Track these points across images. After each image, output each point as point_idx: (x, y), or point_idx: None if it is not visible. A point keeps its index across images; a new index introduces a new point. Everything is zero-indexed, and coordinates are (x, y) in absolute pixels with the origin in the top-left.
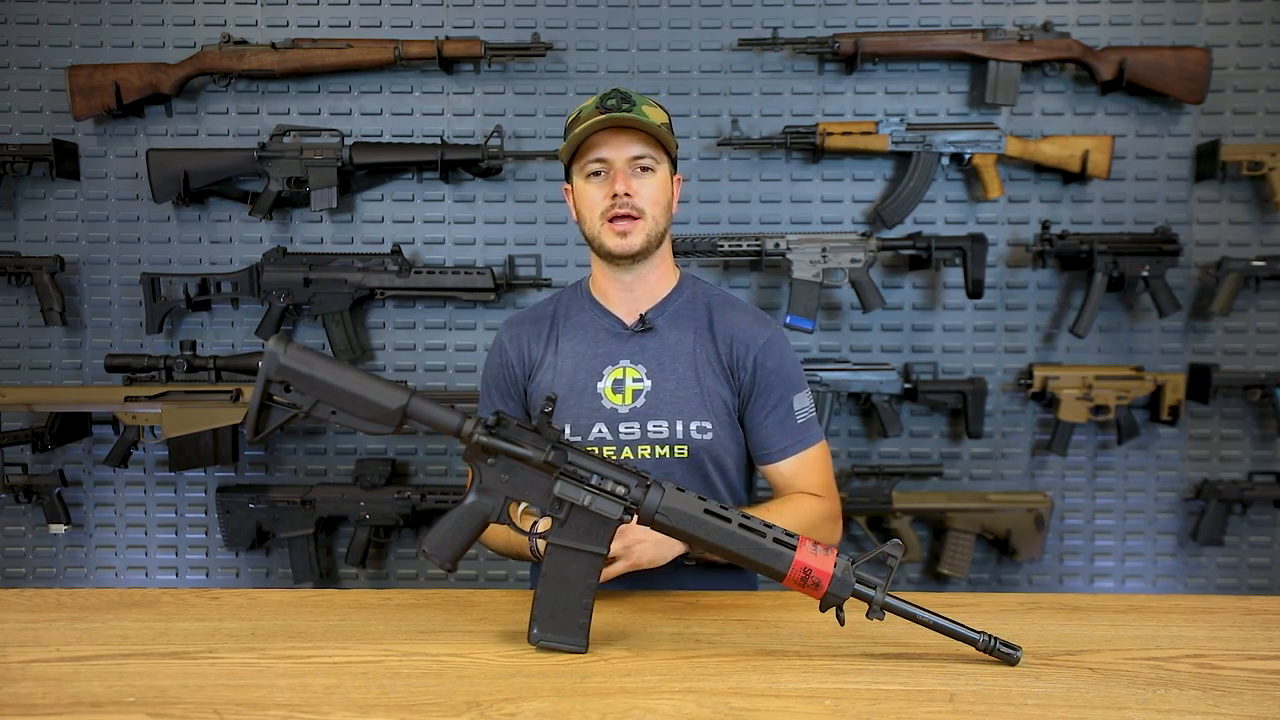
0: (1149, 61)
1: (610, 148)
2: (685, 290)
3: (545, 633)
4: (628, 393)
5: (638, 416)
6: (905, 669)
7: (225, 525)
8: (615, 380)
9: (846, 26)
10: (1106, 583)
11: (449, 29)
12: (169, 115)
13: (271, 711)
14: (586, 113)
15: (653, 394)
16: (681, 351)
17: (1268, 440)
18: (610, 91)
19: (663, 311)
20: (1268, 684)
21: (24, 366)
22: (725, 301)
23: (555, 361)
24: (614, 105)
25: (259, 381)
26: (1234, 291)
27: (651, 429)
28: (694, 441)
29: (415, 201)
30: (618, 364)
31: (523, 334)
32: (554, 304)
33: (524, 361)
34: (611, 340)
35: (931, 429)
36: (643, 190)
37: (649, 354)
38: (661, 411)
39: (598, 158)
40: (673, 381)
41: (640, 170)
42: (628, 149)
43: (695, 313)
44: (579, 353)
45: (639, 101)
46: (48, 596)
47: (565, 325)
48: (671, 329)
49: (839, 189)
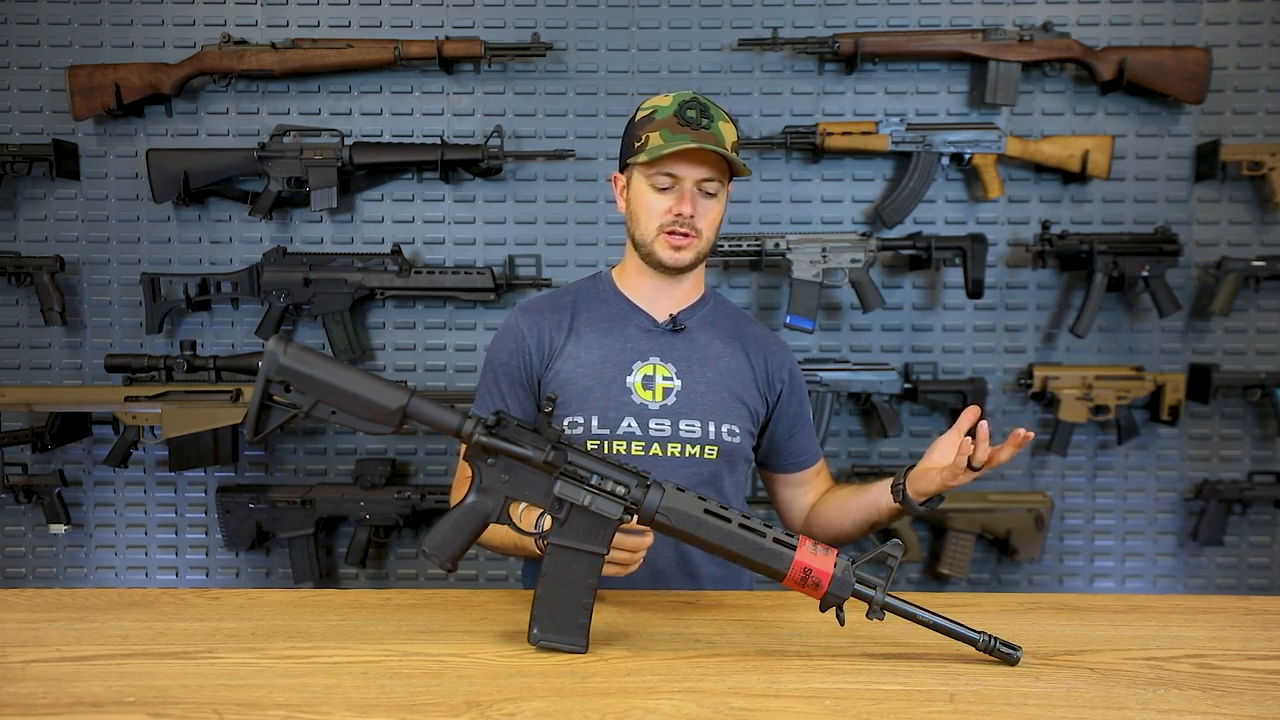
0: (1149, 61)
1: (684, 166)
2: (710, 300)
3: (545, 633)
4: (658, 390)
5: (669, 414)
6: (905, 669)
7: (225, 525)
8: (645, 376)
9: (846, 26)
10: (1106, 583)
11: (449, 29)
12: (169, 115)
13: (271, 711)
14: (662, 115)
15: (684, 393)
16: (710, 356)
17: (1268, 440)
18: (690, 100)
19: (692, 315)
20: (1268, 684)
21: (24, 366)
22: (746, 319)
23: (577, 352)
24: (694, 120)
25: (259, 381)
26: (1234, 291)
27: (684, 428)
28: (724, 444)
29: (415, 201)
30: (648, 360)
31: (542, 321)
32: (571, 294)
33: (543, 350)
34: (641, 336)
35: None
36: (706, 214)
37: (679, 353)
38: (694, 412)
39: (669, 172)
40: (703, 384)
41: (705, 194)
42: (700, 170)
43: (722, 323)
44: (606, 345)
45: (716, 116)
46: (48, 596)
47: (588, 316)
48: (700, 333)
49: (839, 189)
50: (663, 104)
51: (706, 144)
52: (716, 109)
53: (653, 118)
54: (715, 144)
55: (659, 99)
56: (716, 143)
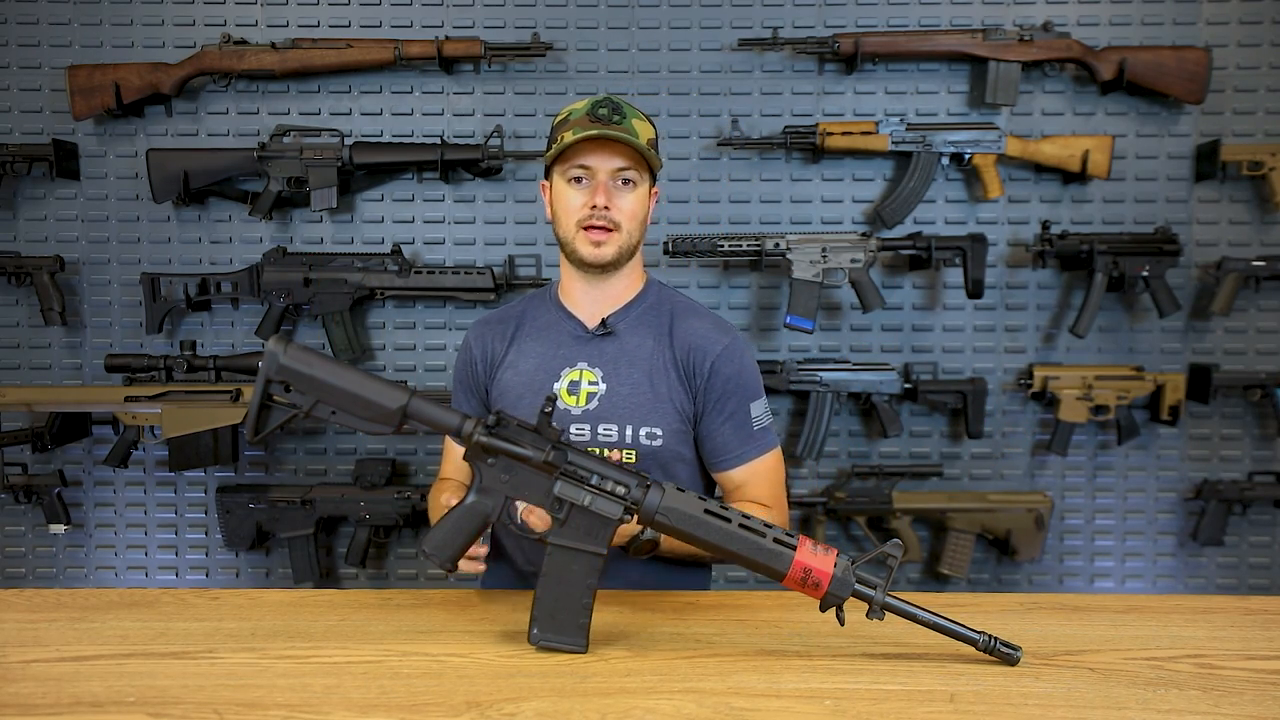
0: (1149, 61)
1: (595, 157)
2: (650, 295)
3: (545, 633)
4: (582, 395)
5: (589, 419)
6: (905, 669)
7: (225, 525)
8: (571, 382)
9: (846, 26)
10: (1106, 583)
11: (449, 29)
12: (169, 115)
13: (271, 711)
14: (576, 116)
15: (605, 397)
16: (639, 356)
17: (1268, 440)
18: (603, 99)
19: (625, 316)
20: (1268, 684)
21: (24, 366)
22: (687, 308)
23: (517, 360)
24: (605, 116)
25: (259, 381)
26: (1234, 291)
27: (601, 432)
28: (642, 447)
29: (415, 201)
30: (575, 366)
31: (487, 332)
32: (522, 305)
33: (486, 359)
34: (572, 342)
35: (931, 429)
36: (622, 204)
37: (606, 357)
38: (612, 415)
39: (581, 164)
40: (627, 386)
41: (621, 184)
42: (612, 161)
43: (658, 318)
44: (540, 353)
45: (629, 114)
46: (48, 596)
47: (530, 326)
48: (631, 334)
49: (839, 189)
50: (577, 106)
51: (611, 132)
52: (631, 109)
53: (567, 119)
54: (625, 135)
55: (576, 103)
56: (627, 134)
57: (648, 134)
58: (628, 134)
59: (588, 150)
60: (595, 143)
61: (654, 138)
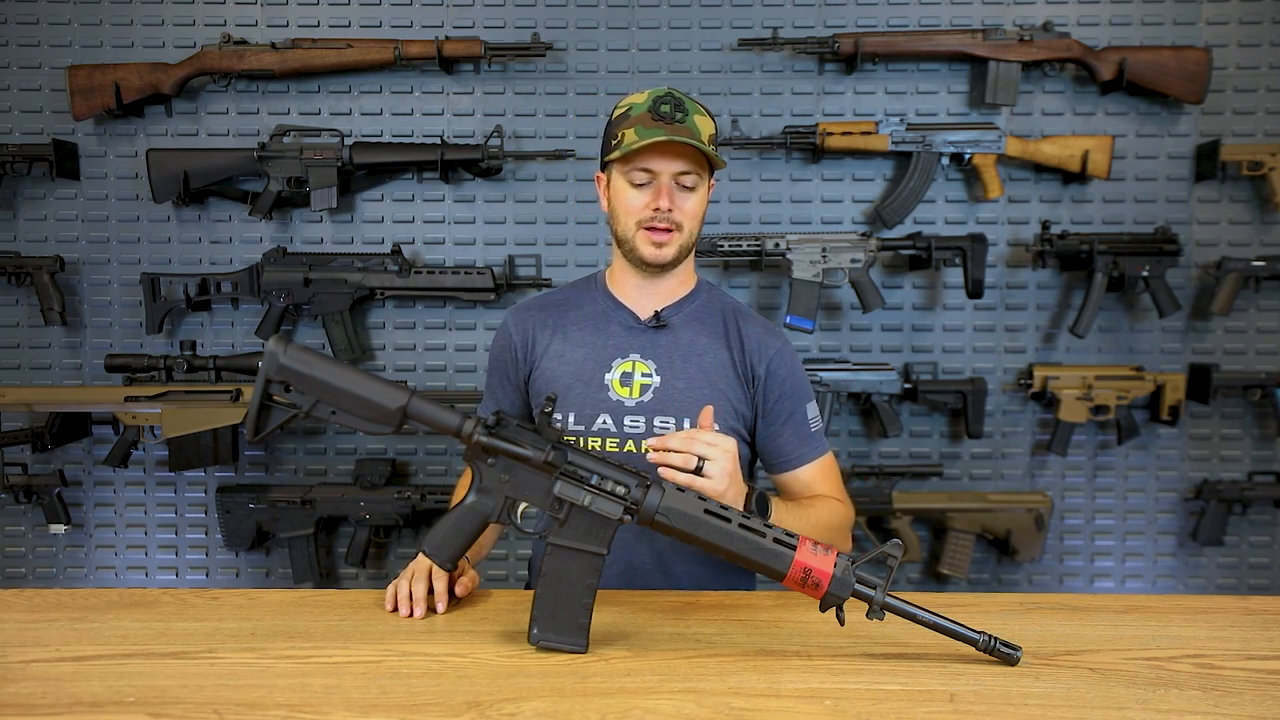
0: (1149, 61)
1: (659, 160)
2: (701, 295)
3: (545, 633)
4: (635, 386)
5: (644, 411)
6: (905, 669)
7: (225, 525)
8: (624, 373)
9: (846, 26)
10: (1106, 583)
11: (449, 29)
12: (169, 115)
13: (271, 711)
14: (637, 112)
15: (661, 390)
16: (694, 352)
17: (1268, 440)
18: (664, 94)
19: (678, 311)
20: (1268, 684)
21: (24, 366)
22: (741, 312)
23: (564, 350)
24: (667, 114)
25: (259, 381)
26: (1234, 291)
27: (658, 424)
28: None
29: (415, 201)
30: (628, 357)
31: (528, 319)
32: (564, 293)
33: (527, 346)
34: (624, 333)
35: (931, 429)
36: (685, 205)
37: (660, 350)
38: (669, 408)
39: (645, 167)
40: (683, 380)
41: (684, 188)
42: (675, 164)
43: (711, 317)
44: (589, 342)
45: (691, 110)
46: (48, 596)
47: (576, 314)
48: (685, 328)
49: (839, 189)
50: (637, 101)
51: (679, 137)
52: (692, 103)
53: (628, 115)
54: (689, 137)
55: (635, 96)
56: (691, 136)
57: (708, 129)
58: (692, 136)
59: (650, 153)
60: (659, 145)
61: (714, 133)
